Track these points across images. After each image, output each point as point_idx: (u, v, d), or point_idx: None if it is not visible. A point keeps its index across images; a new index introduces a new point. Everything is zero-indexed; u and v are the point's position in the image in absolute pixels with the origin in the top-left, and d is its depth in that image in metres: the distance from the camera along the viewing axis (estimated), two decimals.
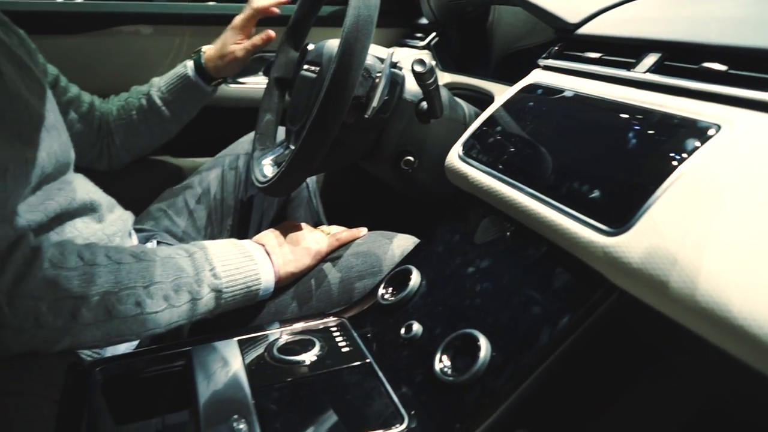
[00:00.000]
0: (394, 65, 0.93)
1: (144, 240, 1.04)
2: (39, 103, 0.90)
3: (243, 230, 1.18)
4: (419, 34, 1.35)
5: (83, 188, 0.93)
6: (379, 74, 0.88)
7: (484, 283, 0.70)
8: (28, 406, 0.60)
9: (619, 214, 0.56)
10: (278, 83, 1.13)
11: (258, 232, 1.18)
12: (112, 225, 0.94)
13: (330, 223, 1.29)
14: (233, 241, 0.85)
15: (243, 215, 1.18)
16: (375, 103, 0.87)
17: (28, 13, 1.24)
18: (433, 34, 1.30)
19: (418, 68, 0.84)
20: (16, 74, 0.88)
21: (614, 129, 0.65)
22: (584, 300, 0.58)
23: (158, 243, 1.02)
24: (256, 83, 1.40)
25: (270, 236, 0.91)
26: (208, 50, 1.15)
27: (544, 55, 0.88)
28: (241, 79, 1.41)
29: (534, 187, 0.69)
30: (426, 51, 1.30)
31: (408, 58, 1.31)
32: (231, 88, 1.38)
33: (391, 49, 0.90)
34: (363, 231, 0.95)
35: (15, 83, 0.86)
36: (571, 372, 0.59)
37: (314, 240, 0.92)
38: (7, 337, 0.61)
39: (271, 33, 1.11)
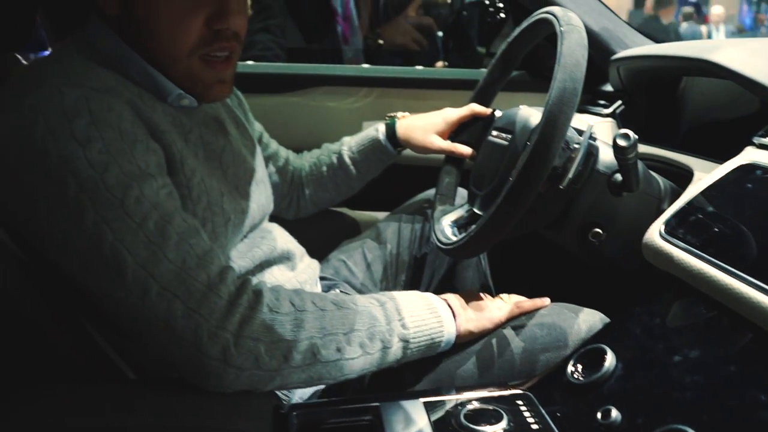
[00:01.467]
0: (593, 137, 0.93)
1: (326, 289, 1.09)
2: (252, 159, 0.99)
3: (415, 286, 1.20)
4: (602, 101, 1.33)
5: (282, 237, 1.01)
6: (576, 145, 0.87)
7: (695, 375, 0.65)
8: None
9: None
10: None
11: (428, 289, 1.20)
12: (303, 273, 1.01)
13: (495, 287, 1.28)
14: (419, 293, 0.88)
15: (416, 272, 1.21)
16: (570, 174, 0.87)
17: (243, 74, 1.40)
18: (619, 101, 1.27)
19: (622, 143, 0.82)
20: (237, 132, 0.98)
21: None
22: None
23: (340, 293, 1.07)
24: None
25: (452, 295, 0.92)
26: (403, 120, 1.19)
27: (760, 133, 0.83)
28: None
29: (751, 273, 0.64)
30: (610, 119, 1.27)
31: (592, 125, 1.29)
32: None
33: (591, 122, 0.90)
34: (546, 301, 0.94)
35: (237, 141, 0.96)
36: None
37: (495, 306, 0.93)
38: (230, 375, 0.67)
39: (468, 151, 1.13)
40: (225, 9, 0.78)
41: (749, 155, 0.81)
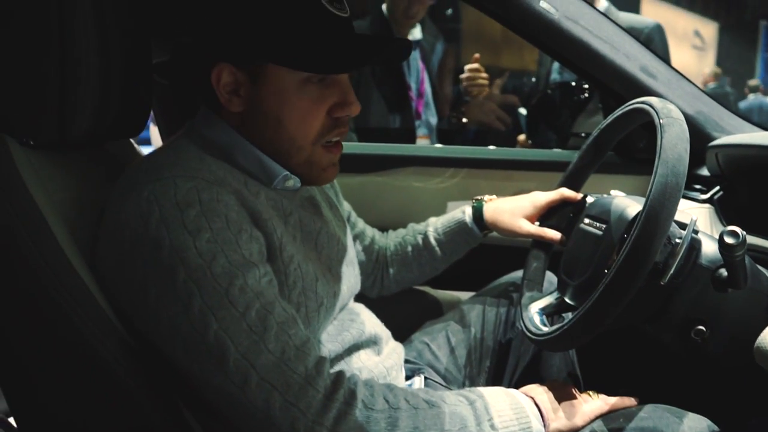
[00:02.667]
0: (695, 231, 0.89)
1: (411, 373, 1.08)
2: (344, 240, 1.01)
3: (500, 373, 1.17)
4: (699, 186, 1.28)
5: (369, 320, 1.01)
6: (678, 240, 0.84)
7: None
8: None
9: None
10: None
11: (513, 376, 1.16)
12: (389, 357, 1.00)
13: (583, 378, 1.23)
14: (506, 390, 0.85)
15: (501, 358, 1.18)
16: (672, 270, 0.83)
17: None
18: (717, 187, 1.23)
19: (730, 240, 0.78)
20: (330, 213, 1.01)
21: None
22: None
23: (425, 379, 1.05)
24: None
25: (539, 390, 0.89)
26: (490, 203, 1.19)
27: None
28: None
29: None
30: (708, 205, 1.22)
31: (688, 210, 1.24)
32: None
33: (694, 216, 0.87)
34: (632, 401, 0.89)
35: (331, 222, 0.98)
36: None
37: (585, 402, 0.89)
38: None
39: (557, 236, 1.11)
40: (348, 99, 0.84)
41: None
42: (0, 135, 0.77)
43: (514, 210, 1.15)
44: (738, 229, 0.79)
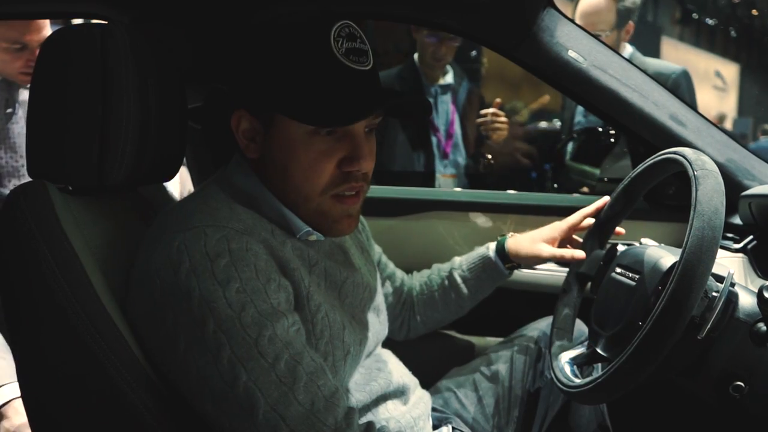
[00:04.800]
0: (732, 284, 0.88)
1: (438, 422, 1.06)
2: (373, 286, 1.01)
3: (528, 423, 1.14)
4: (732, 235, 1.26)
5: (397, 369, 1.00)
6: (715, 294, 0.83)
7: None
8: None
9: None
10: (579, 278, 1.13)
11: (542, 427, 1.14)
12: (416, 407, 0.98)
13: (614, 428, 1.20)
14: None
15: (529, 408, 1.16)
16: (710, 324, 0.82)
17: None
18: (751, 237, 1.21)
19: None
20: (360, 258, 1.01)
21: None
22: None
23: (453, 429, 1.03)
24: (548, 270, 1.42)
25: None
26: (513, 237, 1.20)
27: None
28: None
29: None
30: (741, 255, 1.21)
31: (721, 260, 1.23)
32: (523, 272, 1.42)
33: (732, 269, 0.85)
34: None
35: (360, 269, 0.98)
36: None
37: None
38: None
39: (580, 255, 1.12)
40: (357, 154, 0.83)
41: None
42: (41, 182, 0.79)
43: (534, 236, 1.17)
44: None
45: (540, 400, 1.16)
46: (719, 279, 0.86)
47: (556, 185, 1.77)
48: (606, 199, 1.13)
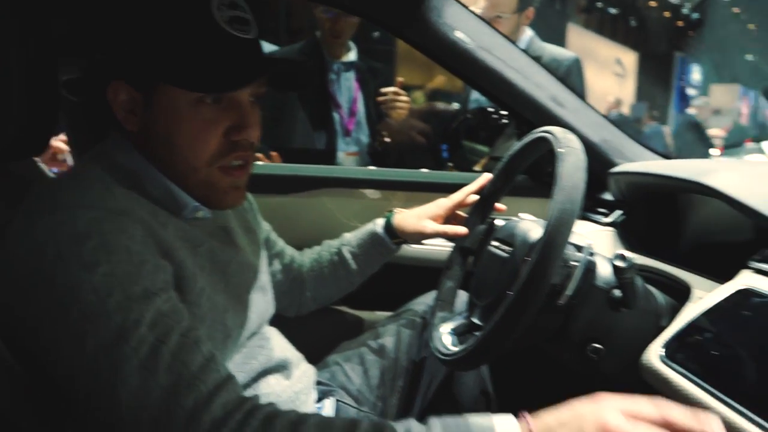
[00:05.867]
0: (591, 254, 0.93)
1: (322, 395, 1.07)
2: (258, 266, 1.00)
3: (412, 393, 1.18)
4: (603, 210, 1.35)
5: (279, 345, 1.00)
6: (575, 263, 0.88)
7: None
8: None
9: None
10: (462, 252, 1.18)
11: (427, 395, 1.18)
12: (299, 381, 0.99)
13: (496, 394, 1.26)
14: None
15: (414, 377, 1.19)
16: (569, 291, 0.87)
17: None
18: (619, 212, 1.29)
19: (620, 263, 0.83)
20: (245, 239, 0.99)
21: None
22: None
23: (336, 401, 1.05)
24: (435, 245, 1.46)
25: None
26: (400, 213, 1.23)
27: (756, 257, 0.84)
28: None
29: (746, 406, 0.63)
30: (610, 228, 1.29)
31: (591, 233, 1.31)
32: (412, 248, 1.46)
33: (589, 240, 0.91)
34: None
35: (245, 250, 0.97)
36: None
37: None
38: None
39: (462, 231, 1.15)
40: (244, 122, 0.82)
41: (746, 280, 0.81)
42: None
43: (419, 213, 1.20)
44: (627, 253, 0.84)
45: (424, 370, 1.20)
46: (580, 249, 0.92)
47: (451, 164, 1.82)
48: (487, 176, 1.17)
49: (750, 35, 12.74)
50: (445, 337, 1.03)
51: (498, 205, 1.17)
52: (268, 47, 2.33)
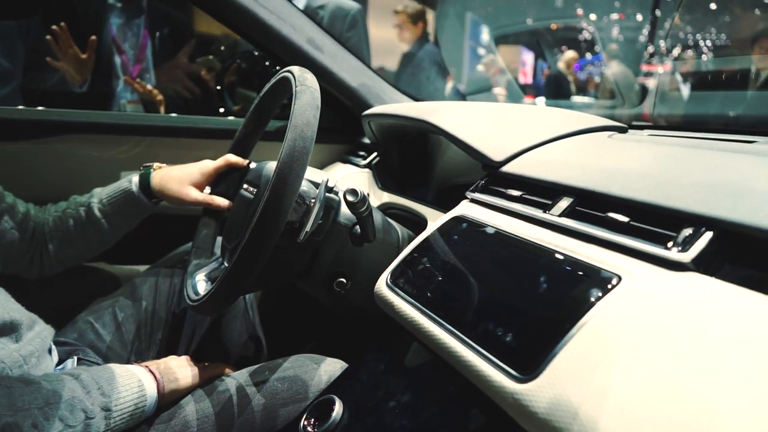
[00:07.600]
0: (329, 190, 0.96)
1: (65, 355, 1.00)
2: None
3: (173, 345, 1.15)
4: (362, 153, 1.40)
5: (3, 307, 0.90)
6: (313, 200, 0.90)
7: (403, 420, 0.69)
8: None
9: (528, 361, 0.58)
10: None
11: (189, 346, 1.15)
12: (29, 344, 0.91)
13: (266, 337, 1.27)
14: (116, 365, 0.85)
15: (174, 329, 1.16)
16: (308, 228, 0.89)
17: None
18: (375, 154, 1.35)
19: (350, 198, 0.87)
20: None
21: (528, 271, 0.68)
22: None
23: (78, 360, 0.98)
24: None
25: (155, 362, 0.91)
26: (159, 171, 1.14)
27: (471, 188, 0.93)
28: None
29: (454, 324, 0.69)
30: (367, 169, 1.35)
31: (350, 175, 1.35)
32: None
33: (325, 176, 0.94)
34: (226, 368, 0.97)
35: None
36: None
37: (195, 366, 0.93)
38: None
39: (223, 203, 1.11)
40: None
41: (461, 209, 0.90)
42: None
43: (182, 178, 1.12)
44: (357, 188, 0.88)
45: (186, 320, 1.17)
46: (318, 186, 0.94)
47: (222, 110, 1.76)
48: (229, 158, 1.14)
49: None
50: (200, 284, 1.01)
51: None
52: None
